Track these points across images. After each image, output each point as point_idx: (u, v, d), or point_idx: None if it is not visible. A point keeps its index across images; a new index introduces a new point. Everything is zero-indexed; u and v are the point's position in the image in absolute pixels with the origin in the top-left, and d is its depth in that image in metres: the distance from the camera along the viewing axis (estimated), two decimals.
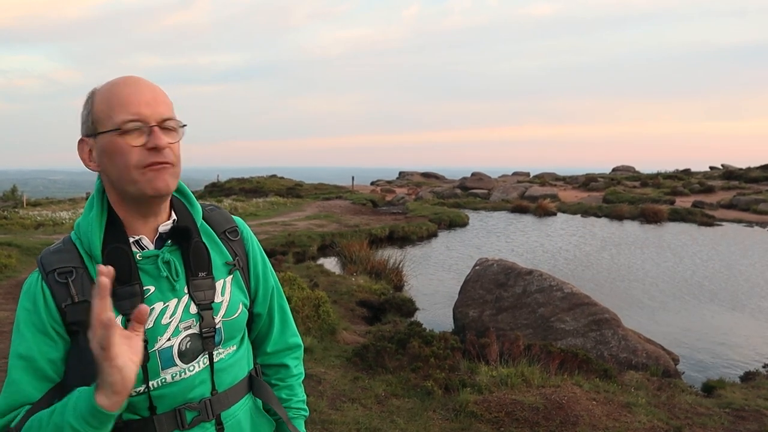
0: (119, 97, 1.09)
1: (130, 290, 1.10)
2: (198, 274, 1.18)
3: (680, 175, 38.55)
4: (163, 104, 1.12)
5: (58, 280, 1.08)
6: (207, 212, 1.30)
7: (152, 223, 1.17)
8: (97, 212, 1.14)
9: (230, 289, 1.24)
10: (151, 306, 1.11)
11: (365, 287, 9.18)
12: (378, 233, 16.42)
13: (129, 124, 1.07)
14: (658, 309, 9.68)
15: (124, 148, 1.08)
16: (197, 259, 1.19)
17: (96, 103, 1.12)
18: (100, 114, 1.10)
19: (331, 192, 32.44)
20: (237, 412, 1.22)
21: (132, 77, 1.13)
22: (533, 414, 4.15)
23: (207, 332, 1.17)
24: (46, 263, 1.11)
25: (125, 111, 1.08)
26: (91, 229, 1.12)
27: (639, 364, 6.20)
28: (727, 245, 16.39)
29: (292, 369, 1.40)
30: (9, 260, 9.75)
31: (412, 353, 5.28)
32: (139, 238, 1.15)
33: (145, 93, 1.10)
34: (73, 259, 1.11)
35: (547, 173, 45.12)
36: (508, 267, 7.75)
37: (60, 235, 14.75)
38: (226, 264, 1.25)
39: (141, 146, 1.08)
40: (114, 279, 1.05)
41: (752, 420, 4.43)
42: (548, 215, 24.04)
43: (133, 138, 1.08)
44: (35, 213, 19.95)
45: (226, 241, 1.29)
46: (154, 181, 1.09)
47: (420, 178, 48.11)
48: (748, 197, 25.95)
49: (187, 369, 1.14)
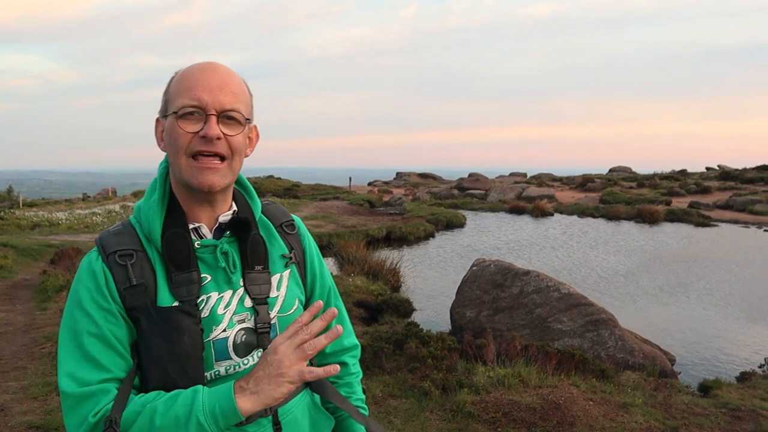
0: (188, 81, 1.08)
1: (187, 277, 1.09)
2: (254, 267, 1.17)
3: (677, 175, 38.65)
4: (231, 94, 1.09)
5: (118, 262, 1.07)
6: (265, 206, 1.29)
7: (211, 212, 1.16)
8: (158, 196, 1.13)
9: (287, 284, 1.22)
10: (208, 294, 1.11)
11: (362, 288, 9.18)
12: (375, 234, 16.42)
13: (187, 109, 1.07)
14: (655, 309, 9.70)
15: (178, 132, 1.07)
16: (254, 251, 1.17)
17: (172, 84, 1.12)
18: (171, 95, 1.10)
19: (328, 192, 32.42)
20: (294, 409, 1.19)
21: (210, 63, 1.12)
22: (530, 414, 4.15)
23: (262, 328, 1.15)
24: (107, 245, 1.10)
25: (188, 95, 1.07)
26: (152, 213, 1.11)
27: (636, 364, 6.21)
28: (723, 246, 16.43)
29: (350, 367, 1.38)
30: (5, 261, 9.71)
31: (409, 354, 5.28)
32: (198, 225, 1.14)
33: (213, 79, 1.08)
34: (133, 242, 1.11)
35: (544, 174, 45.19)
36: (505, 267, 7.75)
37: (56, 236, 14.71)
38: (283, 257, 1.24)
39: (194, 133, 1.07)
40: (172, 264, 1.09)
41: (748, 420, 4.44)
42: (545, 216, 24.08)
43: (189, 123, 1.07)
44: (31, 213, 19.90)
45: (284, 234, 1.28)
46: (199, 175, 1.08)
47: (417, 178, 48.13)
48: (744, 198, 26.04)
49: (242, 363, 1.12)
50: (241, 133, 1.11)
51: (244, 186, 1.25)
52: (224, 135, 1.08)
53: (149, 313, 1.05)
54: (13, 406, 4.04)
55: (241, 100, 1.11)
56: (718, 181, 34.11)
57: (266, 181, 37.18)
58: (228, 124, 1.09)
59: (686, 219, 22.07)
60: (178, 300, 1.07)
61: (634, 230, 19.94)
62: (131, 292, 1.06)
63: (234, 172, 1.13)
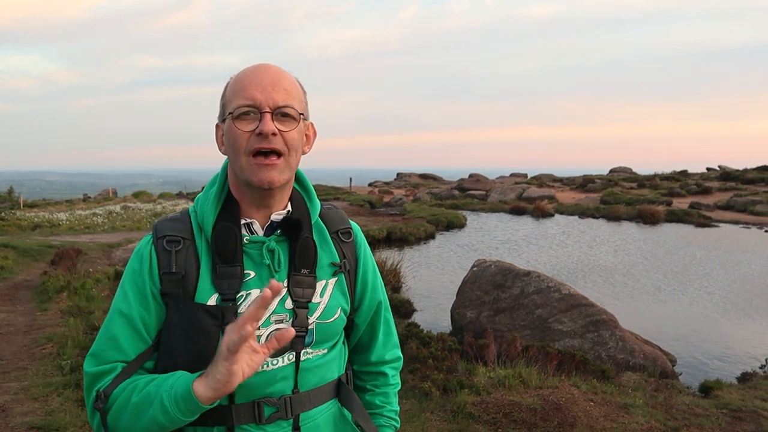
0: (241, 82, 1.11)
1: (231, 271, 1.11)
2: (301, 270, 1.16)
3: (677, 176, 38.62)
4: (283, 91, 1.11)
5: (165, 248, 1.11)
6: (324, 210, 1.29)
7: (266, 210, 1.17)
8: (217, 189, 1.16)
9: (331, 292, 1.21)
10: (248, 291, 1.12)
11: None
12: (375, 234, 16.42)
13: (242, 109, 1.09)
14: (656, 310, 9.70)
15: (236, 132, 1.09)
16: (303, 254, 1.17)
17: (227, 89, 1.14)
18: (227, 99, 1.13)
19: (328, 193, 32.43)
20: (317, 416, 1.17)
21: (262, 64, 1.15)
22: (531, 415, 4.15)
23: (298, 331, 1.13)
24: (160, 229, 1.14)
25: (242, 96, 1.09)
26: (208, 204, 1.14)
27: (636, 365, 6.21)
28: (724, 246, 16.43)
29: (389, 378, 1.37)
30: (6, 261, 9.72)
31: (410, 354, 5.28)
32: (250, 221, 1.16)
33: (265, 78, 1.10)
34: (184, 230, 1.14)
35: (544, 174, 45.19)
36: (506, 268, 7.75)
37: (56, 237, 14.71)
38: (332, 265, 1.22)
39: (251, 131, 1.09)
40: (218, 256, 1.12)
41: (749, 421, 4.43)
42: (546, 216, 24.08)
43: (245, 123, 1.09)
44: (32, 214, 19.91)
45: (338, 241, 1.26)
46: (259, 173, 1.09)
47: (418, 179, 48.14)
48: (744, 198, 26.03)
49: (271, 362, 1.12)
50: (296, 129, 1.12)
51: (305, 187, 1.26)
52: (280, 131, 1.10)
53: (177, 304, 1.09)
54: (14, 407, 4.04)
55: (294, 97, 1.13)
56: (719, 181, 34.09)
57: None
58: (282, 121, 1.10)
59: (687, 220, 22.06)
60: (218, 292, 1.10)
61: (634, 231, 19.93)
62: (168, 278, 1.10)
63: (292, 169, 1.14)
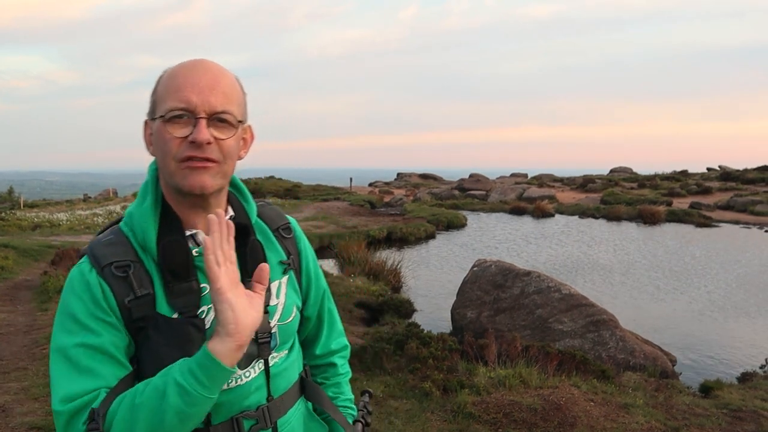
0: (176, 81, 1.02)
1: (186, 287, 1.04)
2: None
3: (677, 176, 38.63)
4: (222, 94, 1.02)
5: (116, 274, 1.01)
6: (260, 208, 1.24)
7: (205, 217, 1.07)
8: (151, 202, 1.07)
9: (285, 291, 1.18)
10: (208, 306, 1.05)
11: (363, 288, 9.18)
12: (376, 234, 16.42)
13: (175, 112, 1.00)
14: (656, 310, 9.70)
15: (167, 137, 1.01)
16: (253, 258, 1.11)
17: (159, 85, 1.05)
18: (159, 96, 1.04)
19: (329, 193, 32.43)
20: (291, 418, 1.16)
21: (199, 60, 1.05)
22: (531, 415, 4.15)
23: (263, 337, 1.09)
24: (101, 256, 1.02)
25: (176, 97, 1.00)
26: (146, 219, 1.05)
27: (637, 365, 6.21)
28: (724, 246, 16.42)
29: (338, 368, 1.36)
30: (6, 262, 9.72)
31: (410, 354, 5.28)
32: (195, 232, 1.09)
33: (203, 79, 1.01)
34: (127, 252, 1.04)
35: (545, 174, 45.20)
36: (506, 268, 7.75)
37: (57, 237, 14.69)
38: (281, 263, 1.19)
39: (183, 138, 1.00)
40: (170, 273, 1.03)
41: (749, 421, 4.43)
42: (546, 216, 24.09)
43: (177, 127, 1.00)
44: (32, 214, 19.92)
45: (281, 238, 1.23)
46: (189, 178, 1.01)
47: (418, 179, 48.15)
48: (745, 198, 26.04)
49: (243, 375, 1.08)
50: (233, 137, 1.04)
51: (238, 188, 1.20)
52: (215, 139, 1.01)
53: (157, 323, 1.01)
54: (14, 407, 4.04)
55: (233, 101, 1.04)
56: (719, 181, 34.09)
57: (267, 181, 37.20)
58: (219, 127, 1.02)
59: (687, 219, 22.07)
60: (177, 311, 1.02)
61: (634, 231, 19.93)
62: (138, 303, 1.01)
63: (226, 176, 1.07)
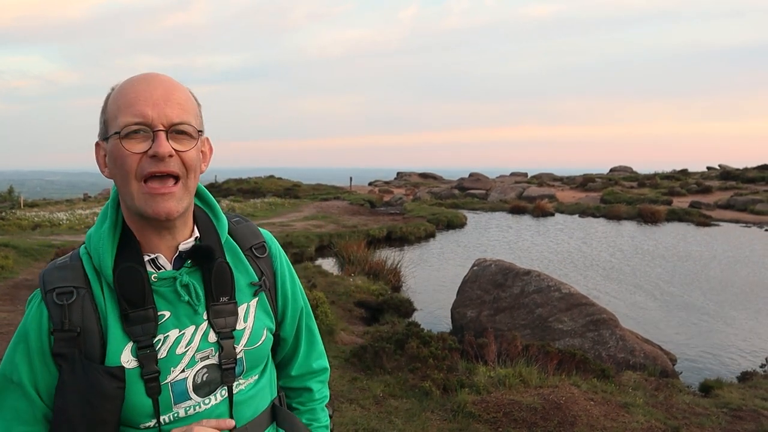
0: (127, 97, 0.97)
1: (142, 315, 0.99)
2: (219, 299, 1.06)
3: (677, 175, 38.63)
4: (178, 106, 0.99)
5: (56, 301, 0.97)
6: (233, 225, 1.18)
7: (169, 240, 1.05)
8: (109, 225, 1.02)
9: (254, 314, 1.12)
10: (166, 333, 1.01)
11: (363, 288, 9.18)
12: (376, 234, 16.42)
13: (131, 127, 0.96)
14: (656, 309, 9.70)
15: (124, 154, 0.96)
16: (219, 282, 1.07)
17: (109, 102, 1.00)
18: (110, 114, 0.99)
19: (329, 192, 32.43)
20: None
21: (149, 74, 1.01)
22: (531, 414, 4.15)
23: (227, 363, 1.06)
24: (47, 281, 1.00)
25: (129, 112, 0.96)
26: (102, 244, 1.01)
27: (637, 364, 6.21)
28: (724, 245, 16.42)
29: (314, 393, 1.30)
30: (6, 261, 9.72)
31: (410, 354, 5.28)
32: (155, 256, 1.04)
33: (156, 92, 0.98)
34: (76, 278, 1.00)
35: (544, 174, 45.19)
36: (506, 267, 7.75)
37: (57, 236, 14.70)
38: (251, 285, 1.13)
39: (142, 153, 0.96)
40: (126, 301, 0.99)
41: (749, 420, 4.43)
42: (546, 215, 24.09)
43: (134, 143, 0.96)
44: (32, 214, 19.91)
45: (253, 258, 1.16)
46: (154, 204, 0.98)
47: (418, 178, 48.14)
48: (745, 197, 26.03)
49: (203, 402, 1.04)
50: (194, 148, 1.01)
51: (208, 203, 1.14)
52: (176, 151, 0.97)
53: (73, 367, 0.96)
54: None
55: (189, 112, 1.01)
56: (719, 180, 34.10)
57: (267, 181, 37.20)
58: (179, 140, 0.98)
59: (687, 219, 22.07)
60: (132, 340, 0.99)
61: (634, 230, 19.93)
62: (59, 336, 0.96)
63: (191, 193, 1.03)
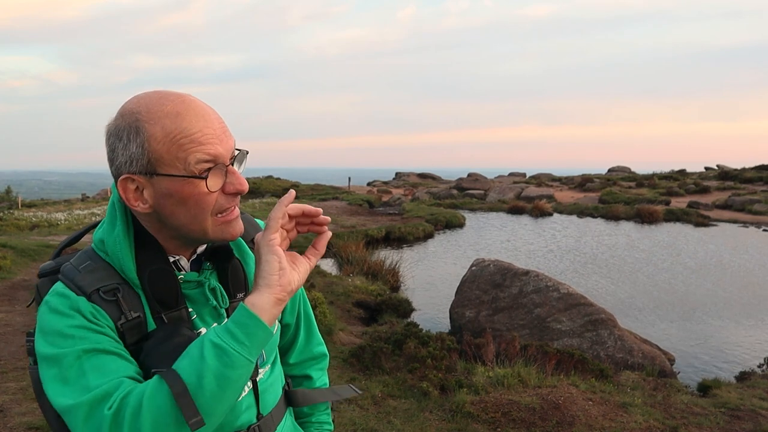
0: (188, 133, 0.92)
1: (177, 315, 1.00)
2: (236, 295, 1.09)
3: (676, 175, 38.68)
4: (230, 134, 0.98)
5: (106, 299, 0.95)
6: None
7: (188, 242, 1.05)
8: (122, 229, 1.00)
9: None
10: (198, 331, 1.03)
11: (362, 288, 9.17)
12: (374, 234, 16.41)
13: (206, 165, 0.93)
14: (655, 308, 9.71)
15: (202, 195, 0.94)
16: (235, 279, 1.10)
17: (153, 137, 0.92)
18: (162, 152, 0.92)
19: (327, 193, 32.41)
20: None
21: (193, 103, 0.95)
22: (530, 414, 4.16)
23: None
24: (85, 284, 0.95)
25: (200, 151, 0.92)
26: (120, 248, 0.98)
27: (635, 364, 6.22)
28: (722, 245, 16.44)
29: (314, 381, 1.32)
30: (4, 261, 9.70)
31: (408, 354, 5.28)
32: (177, 258, 1.04)
33: (215, 125, 0.95)
34: (113, 276, 0.98)
35: (543, 174, 45.22)
36: (505, 267, 7.76)
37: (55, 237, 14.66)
38: None
39: (218, 191, 0.96)
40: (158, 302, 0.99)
41: (748, 420, 4.44)
42: (544, 216, 24.09)
43: (210, 182, 0.94)
44: (30, 214, 19.87)
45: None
46: (230, 231, 1.00)
47: (416, 178, 48.14)
48: (743, 197, 26.07)
49: None
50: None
51: None
52: None
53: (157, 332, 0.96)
54: (12, 407, 4.04)
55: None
56: (717, 181, 34.15)
57: (265, 181, 37.18)
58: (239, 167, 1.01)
59: (685, 219, 22.09)
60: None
61: (632, 230, 19.95)
62: (130, 326, 0.96)
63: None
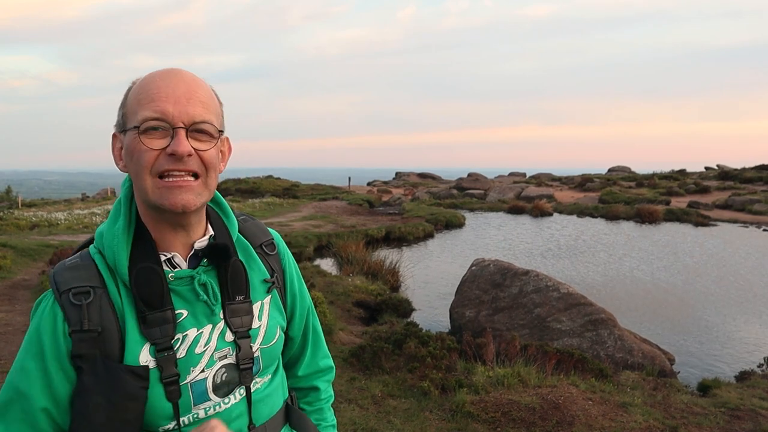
0: (149, 91, 0.96)
1: (161, 316, 0.98)
2: (235, 297, 1.07)
3: (676, 175, 38.68)
4: (200, 104, 0.98)
5: (73, 302, 0.94)
6: (242, 223, 1.18)
7: (185, 237, 1.04)
8: (123, 223, 1.00)
9: (268, 312, 1.13)
10: (184, 332, 1.01)
11: (362, 288, 9.18)
12: (374, 234, 16.42)
13: (150, 122, 0.94)
14: (655, 308, 9.71)
15: (141, 149, 0.95)
16: (235, 280, 1.07)
17: (130, 95, 0.99)
18: (130, 107, 0.98)
19: (327, 192, 32.42)
20: None
21: (173, 69, 0.99)
22: (529, 414, 4.16)
23: (244, 363, 1.06)
24: (61, 281, 0.97)
25: (150, 107, 0.95)
26: (117, 243, 0.98)
27: (635, 363, 6.22)
28: (722, 245, 16.44)
29: (321, 392, 1.31)
30: (4, 261, 9.70)
31: (408, 354, 5.28)
32: (171, 255, 1.03)
33: (179, 88, 0.96)
34: (91, 277, 0.97)
35: (543, 174, 45.23)
36: (505, 267, 7.76)
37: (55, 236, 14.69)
38: (264, 282, 1.14)
39: (160, 150, 0.95)
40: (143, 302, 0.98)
41: (747, 419, 4.44)
42: (544, 215, 24.10)
43: (153, 139, 0.95)
44: (30, 214, 19.88)
45: (263, 255, 1.17)
46: (171, 195, 0.96)
47: (416, 178, 48.15)
48: (743, 197, 26.07)
49: (222, 402, 1.04)
50: (213, 147, 1.00)
51: (218, 203, 1.14)
52: (196, 150, 0.97)
53: (95, 368, 0.93)
54: None
55: (211, 111, 1.00)
56: (717, 180, 34.15)
57: (265, 181, 37.17)
58: (199, 138, 0.98)
59: (685, 219, 22.09)
60: (150, 342, 0.97)
61: (632, 230, 19.95)
62: (79, 337, 0.93)
63: (210, 191, 1.03)
